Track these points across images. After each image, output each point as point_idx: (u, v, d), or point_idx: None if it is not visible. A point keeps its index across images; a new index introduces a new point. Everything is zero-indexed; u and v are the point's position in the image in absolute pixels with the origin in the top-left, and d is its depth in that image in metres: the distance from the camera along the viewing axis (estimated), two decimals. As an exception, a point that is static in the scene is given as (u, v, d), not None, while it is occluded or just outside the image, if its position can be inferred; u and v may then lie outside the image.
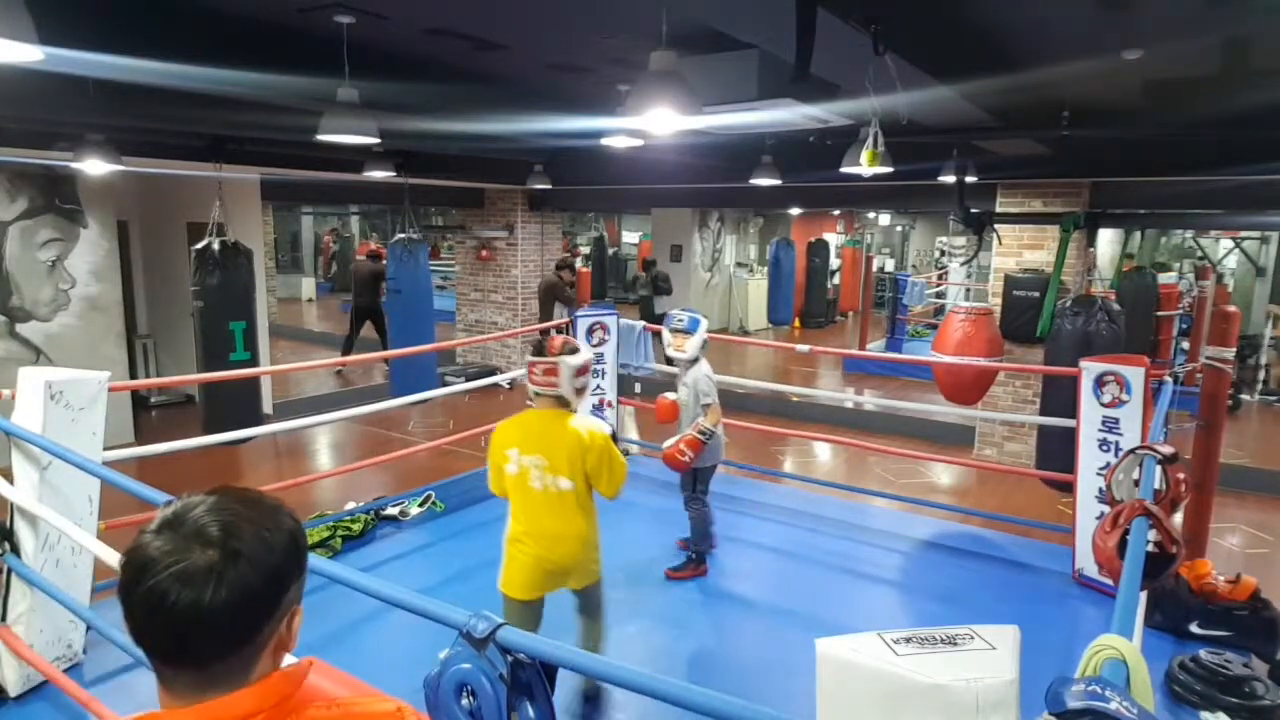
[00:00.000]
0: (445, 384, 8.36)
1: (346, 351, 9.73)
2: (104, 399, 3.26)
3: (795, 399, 9.22)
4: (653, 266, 13.24)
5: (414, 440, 7.55)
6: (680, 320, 4.38)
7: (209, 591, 0.85)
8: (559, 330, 7.06)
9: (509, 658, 1.50)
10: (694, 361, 4.30)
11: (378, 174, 7.07)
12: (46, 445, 2.93)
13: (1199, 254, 12.53)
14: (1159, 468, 2.62)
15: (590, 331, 6.06)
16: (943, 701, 1.92)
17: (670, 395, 4.39)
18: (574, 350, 3.00)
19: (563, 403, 2.97)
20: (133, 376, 7.93)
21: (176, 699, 0.91)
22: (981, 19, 3.66)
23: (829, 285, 16.83)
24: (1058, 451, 5.05)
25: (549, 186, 8.43)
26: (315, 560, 2.15)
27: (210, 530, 0.89)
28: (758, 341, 13.70)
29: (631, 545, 4.99)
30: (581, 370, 2.99)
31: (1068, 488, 4.73)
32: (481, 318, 10.97)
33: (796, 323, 15.85)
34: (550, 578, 2.99)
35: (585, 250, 19.40)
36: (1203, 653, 3.40)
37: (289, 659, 1.02)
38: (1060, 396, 5.03)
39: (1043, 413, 5.49)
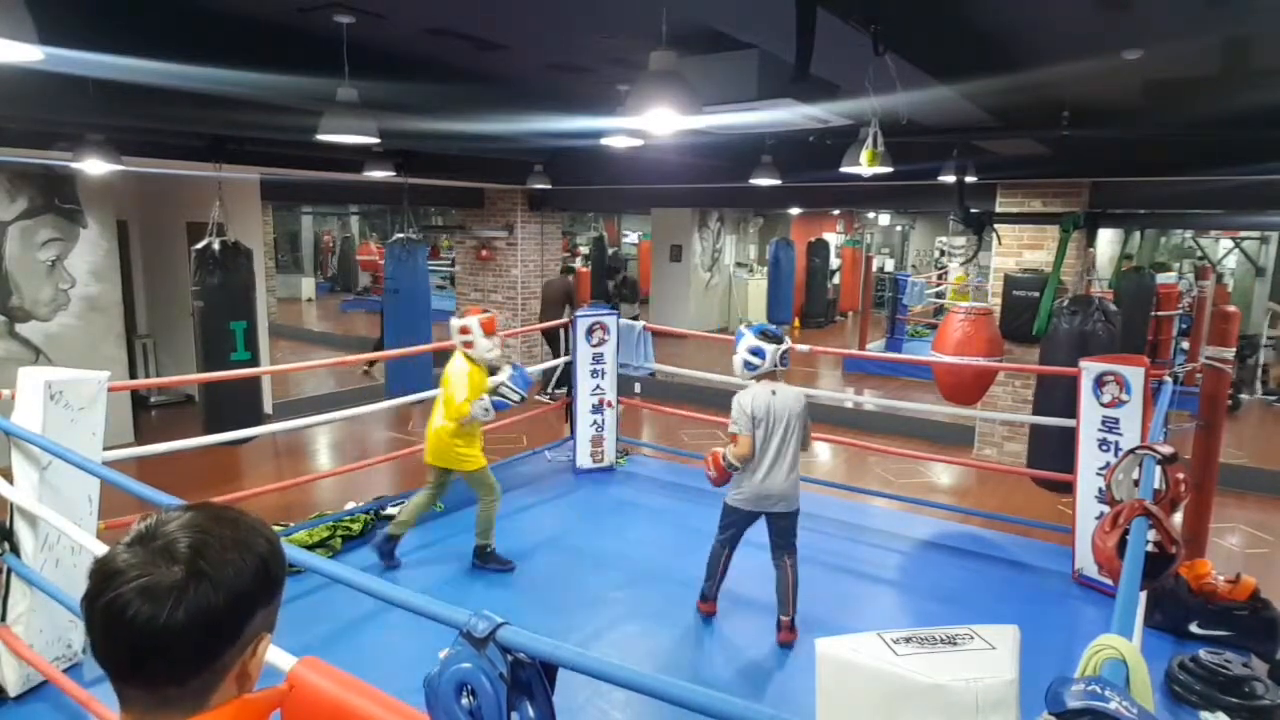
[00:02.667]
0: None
1: (377, 349, 9.76)
2: (104, 399, 3.26)
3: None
4: (618, 273, 13.27)
5: (414, 440, 7.55)
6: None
7: (167, 610, 0.83)
8: (563, 329, 7.09)
9: (509, 657, 1.50)
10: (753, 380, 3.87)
11: (377, 174, 7.07)
12: (46, 445, 2.93)
13: (1199, 254, 12.53)
14: (1159, 468, 2.62)
15: (590, 331, 6.06)
16: (943, 701, 1.92)
17: None
18: (461, 315, 4.48)
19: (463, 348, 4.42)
20: (132, 376, 7.92)
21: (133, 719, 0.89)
22: (981, 19, 3.66)
23: (829, 285, 16.83)
24: (1051, 451, 5.05)
25: (549, 186, 8.42)
26: (315, 560, 2.16)
27: (179, 547, 0.87)
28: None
29: (631, 545, 5.00)
30: (460, 330, 4.40)
31: (1062, 488, 4.73)
32: (481, 318, 10.97)
33: (796, 323, 15.84)
34: (429, 453, 4.51)
35: (585, 250, 19.40)
36: (1202, 653, 3.40)
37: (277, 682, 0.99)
38: (1054, 396, 5.04)
39: (1036, 412, 5.49)
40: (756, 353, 3.81)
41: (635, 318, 11.43)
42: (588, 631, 3.91)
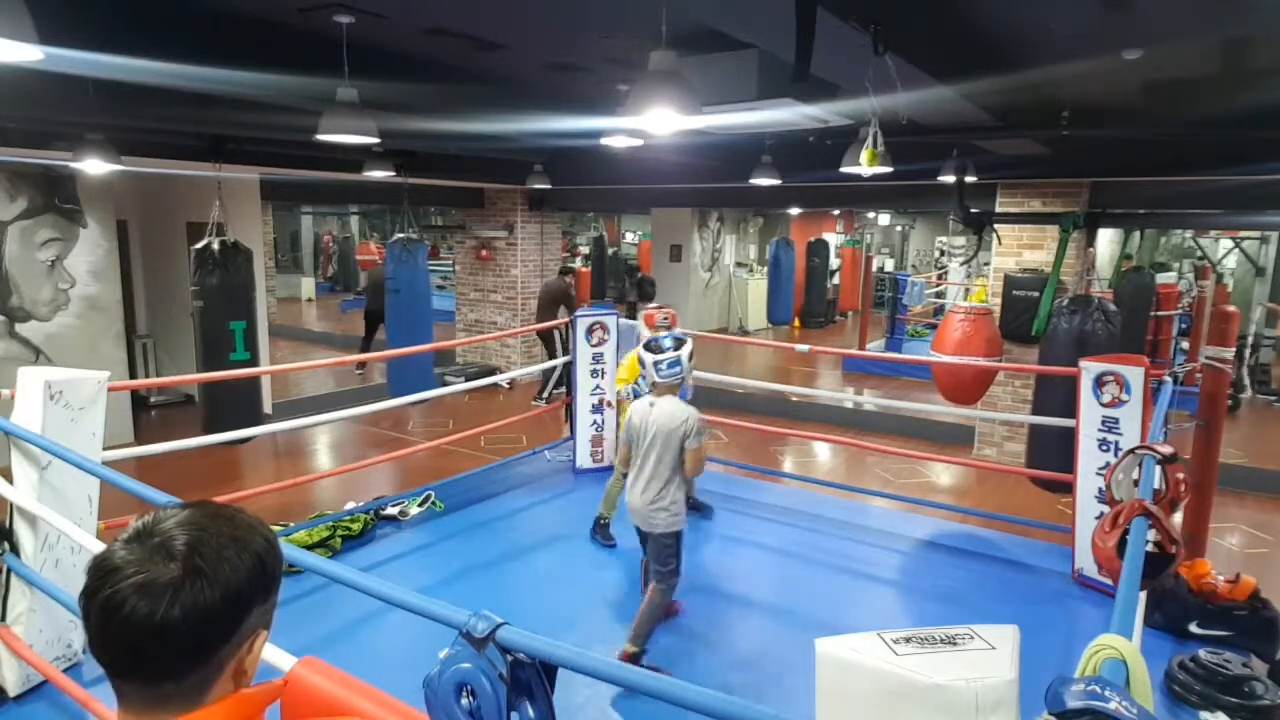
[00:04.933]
0: (445, 384, 8.36)
1: (363, 351, 9.77)
2: (103, 399, 3.26)
3: (795, 399, 9.22)
4: (636, 271, 13.49)
5: (414, 440, 7.56)
6: None
7: (163, 606, 0.84)
8: (560, 330, 7.10)
9: (508, 657, 1.50)
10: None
11: (377, 174, 7.07)
12: (46, 445, 2.93)
13: (1199, 254, 12.54)
14: (1158, 467, 2.62)
15: (590, 331, 6.05)
16: (943, 701, 1.92)
17: None
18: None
19: None
20: (132, 376, 7.92)
21: (131, 716, 0.89)
22: (981, 19, 3.66)
23: (829, 285, 16.83)
24: (1050, 451, 5.05)
25: (549, 186, 8.43)
26: (315, 560, 2.16)
27: (176, 544, 0.87)
28: (758, 341, 13.71)
29: (631, 545, 4.99)
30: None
31: (1062, 488, 4.73)
32: (481, 318, 10.97)
33: (796, 322, 15.84)
34: None
35: (585, 250, 19.40)
36: (1202, 653, 3.40)
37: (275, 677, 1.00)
38: (1053, 395, 5.04)
39: (1035, 412, 5.49)
40: (640, 361, 3.60)
41: None
42: (588, 631, 3.91)
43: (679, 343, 3.61)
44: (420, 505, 5.25)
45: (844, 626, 2.62)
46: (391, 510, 5.13)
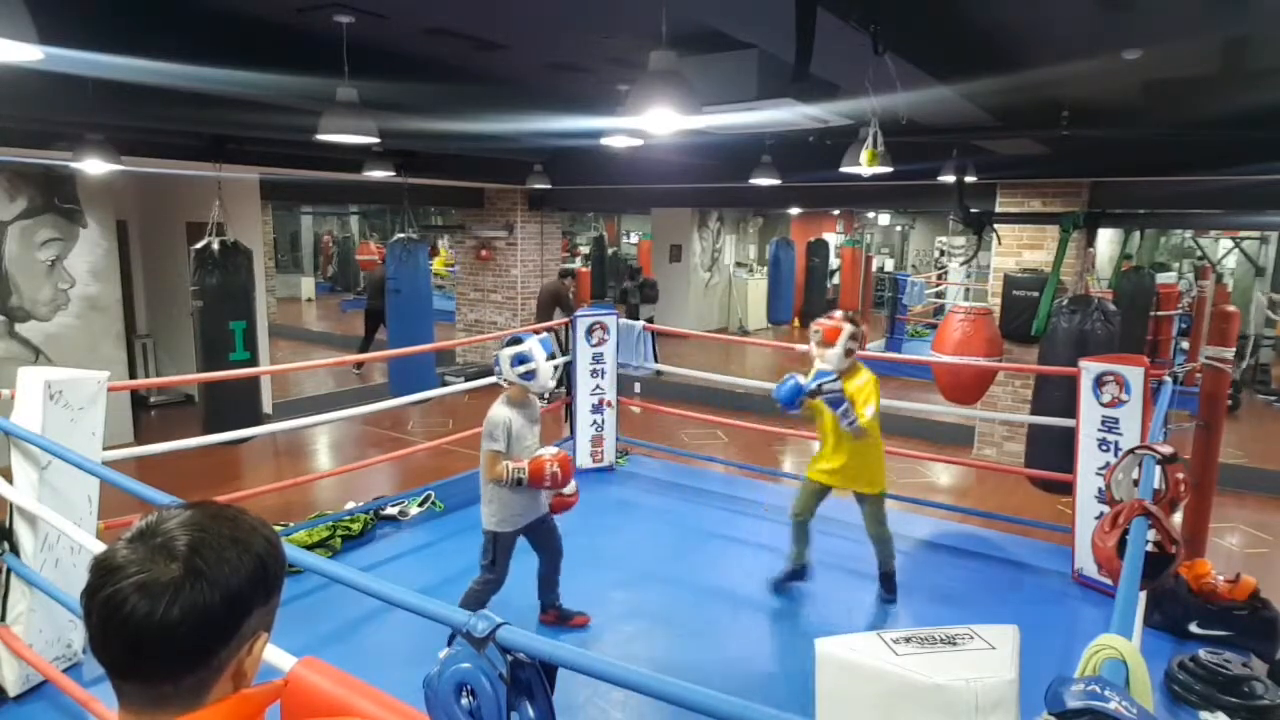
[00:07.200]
0: (445, 384, 8.36)
1: (362, 351, 9.79)
2: (103, 399, 3.26)
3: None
4: (638, 274, 13.45)
5: (414, 440, 7.55)
6: None
7: (163, 606, 0.84)
8: (557, 330, 7.09)
9: (508, 657, 1.50)
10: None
11: (377, 174, 7.06)
12: (46, 445, 2.93)
13: (1199, 254, 12.53)
14: (1158, 467, 2.62)
15: (590, 331, 6.05)
16: (942, 701, 1.92)
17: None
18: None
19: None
20: (132, 376, 7.92)
21: (131, 716, 0.90)
22: (981, 19, 3.67)
23: (829, 285, 16.83)
24: (1047, 451, 5.05)
25: (549, 186, 8.43)
26: (315, 560, 2.16)
27: (177, 545, 0.88)
28: (757, 341, 13.70)
29: (631, 545, 5.00)
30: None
31: (1060, 488, 4.73)
32: (481, 317, 10.97)
33: (796, 322, 15.84)
34: None
35: (585, 250, 19.40)
36: (1202, 652, 3.40)
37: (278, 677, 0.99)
38: (1052, 395, 5.04)
39: (1033, 412, 5.50)
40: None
41: (652, 319, 11.46)
42: (587, 631, 3.91)
43: (509, 342, 3.55)
44: (420, 505, 5.25)
45: (844, 626, 2.62)
46: (391, 510, 5.12)
